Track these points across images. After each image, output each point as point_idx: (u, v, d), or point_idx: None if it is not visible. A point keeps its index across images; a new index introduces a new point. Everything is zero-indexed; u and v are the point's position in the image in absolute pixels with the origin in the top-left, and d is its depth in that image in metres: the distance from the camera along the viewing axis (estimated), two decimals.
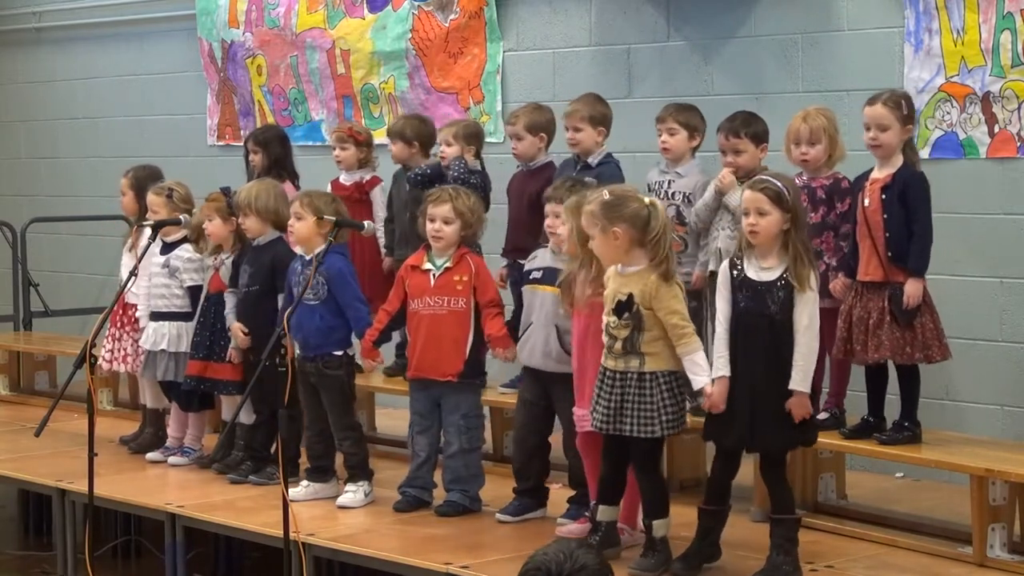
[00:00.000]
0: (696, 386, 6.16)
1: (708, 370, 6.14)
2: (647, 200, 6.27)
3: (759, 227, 6.07)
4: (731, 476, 6.29)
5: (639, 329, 6.15)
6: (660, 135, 7.48)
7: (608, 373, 6.24)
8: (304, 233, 7.51)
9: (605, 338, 6.26)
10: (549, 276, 6.90)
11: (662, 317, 6.15)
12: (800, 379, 6.05)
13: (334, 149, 8.98)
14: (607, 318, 6.24)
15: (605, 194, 6.26)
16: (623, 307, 6.18)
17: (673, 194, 7.37)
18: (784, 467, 6.27)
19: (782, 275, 6.06)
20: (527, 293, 7.05)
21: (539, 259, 7.05)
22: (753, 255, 6.14)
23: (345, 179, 8.91)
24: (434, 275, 7.23)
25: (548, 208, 6.91)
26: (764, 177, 6.22)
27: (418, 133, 8.60)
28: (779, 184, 6.11)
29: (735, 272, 6.16)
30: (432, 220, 7.21)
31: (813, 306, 6.09)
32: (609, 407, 6.22)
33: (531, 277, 7.02)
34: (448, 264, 7.22)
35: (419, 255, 7.33)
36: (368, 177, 8.90)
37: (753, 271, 6.12)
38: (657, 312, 6.14)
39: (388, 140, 8.80)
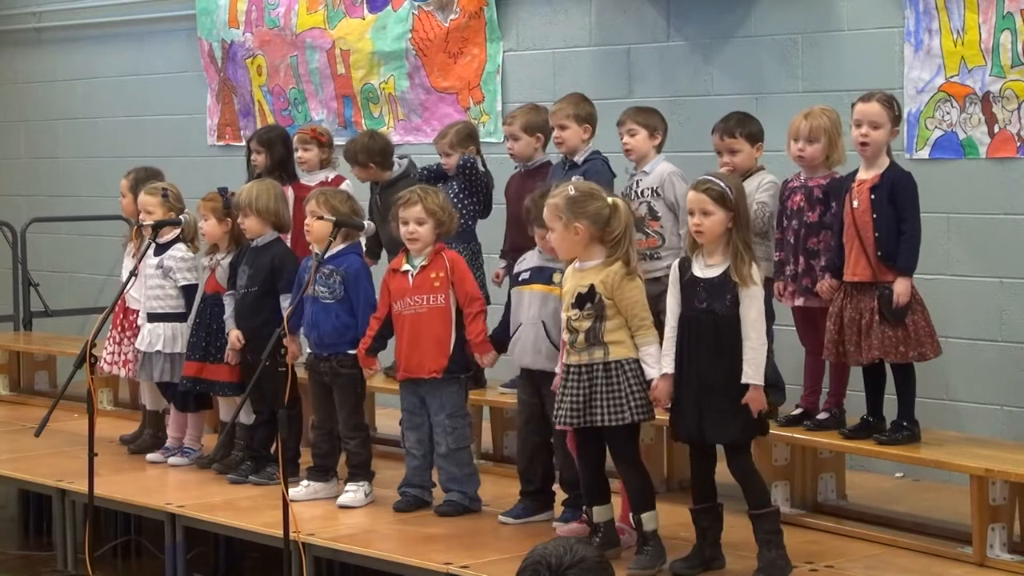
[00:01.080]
0: (648, 377, 6.24)
1: (659, 365, 6.22)
2: (611, 200, 6.33)
3: (704, 227, 6.16)
4: (708, 472, 6.31)
5: (601, 319, 6.23)
6: (622, 138, 7.50)
7: (572, 369, 6.30)
8: (322, 232, 7.49)
9: (566, 335, 6.33)
10: (537, 275, 6.94)
11: (624, 308, 6.24)
12: (752, 373, 6.10)
13: (296, 150, 8.96)
14: (566, 313, 6.32)
15: (571, 190, 6.34)
16: (584, 298, 6.25)
17: (643, 191, 7.41)
18: (749, 459, 6.27)
19: (725, 272, 6.13)
20: (515, 295, 7.06)
21: (527, 261, 7.08)
22: (700, 254, 6.22)
23: (307, 180, 8.84)
24: (412, 275, 7.25)
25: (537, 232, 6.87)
26: (707, 177, 6.29)
27: (369, 152, 8.54)
28: (722, 184, 6.20)
29: (684, 271, 6.23)
30: (405, 223, 7.23)
31: (759, 301, 6.17)
32: (577, 400, 6.26)
33: (520, 279, 7.03)
34: (424, 263, 7.24)
35: (399, 259, 7.36)
36: (332, 176, 8.87)
37: (699, 269, 6.21)
38: (619, 303, 6.24)
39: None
